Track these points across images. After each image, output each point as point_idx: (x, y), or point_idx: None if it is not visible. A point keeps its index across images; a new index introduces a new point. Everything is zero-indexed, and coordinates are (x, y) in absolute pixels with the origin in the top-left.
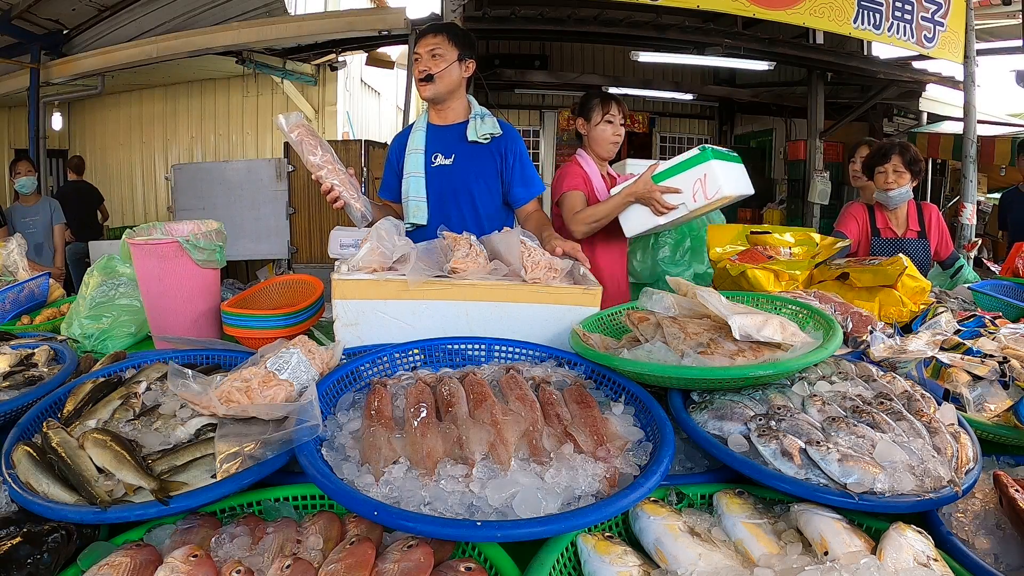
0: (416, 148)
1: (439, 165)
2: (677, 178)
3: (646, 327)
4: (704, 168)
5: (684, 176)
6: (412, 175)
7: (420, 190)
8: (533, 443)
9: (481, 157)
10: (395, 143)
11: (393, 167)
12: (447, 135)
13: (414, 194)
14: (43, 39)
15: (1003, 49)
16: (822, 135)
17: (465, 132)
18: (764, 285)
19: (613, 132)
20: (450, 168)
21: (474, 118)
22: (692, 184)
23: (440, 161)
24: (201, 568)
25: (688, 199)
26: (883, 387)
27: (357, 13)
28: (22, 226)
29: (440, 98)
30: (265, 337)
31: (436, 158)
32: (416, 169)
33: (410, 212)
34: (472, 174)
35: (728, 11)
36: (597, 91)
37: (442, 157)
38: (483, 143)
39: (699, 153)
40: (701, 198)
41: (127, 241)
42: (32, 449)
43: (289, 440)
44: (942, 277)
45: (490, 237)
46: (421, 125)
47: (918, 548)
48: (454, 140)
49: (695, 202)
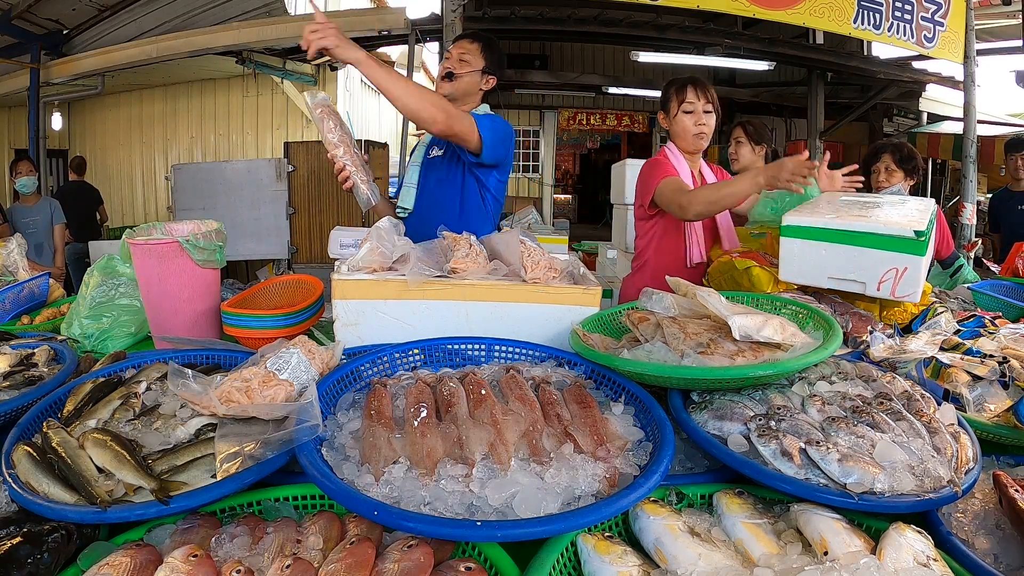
0: (423, 140)
1: (435, 156)
2: (865, 250)
3: (646, 327)
4: (910, 261)
5: (876, 254)
6: (412, 163)
7: (413, 177)
8: (533, 443)
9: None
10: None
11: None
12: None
13: (408, 180)
14: (43, 39)
15: (1003, 49)
16: (822, 135)
17: None
18: (764, 286)
19: (695, 123)
20: (443, 158)
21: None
22: (882, 269)
23: (435, 152)
24: (201, 568)
25: (869, 282)
26: (883, 387)
27: (357, 13)
28: (22, 226)
29: (452, 98)
30: (265, 337)
31: (432, 149)
32: (416, 159)
33: (404, 198)
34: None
35: (728, 11)
36: (676, 79)
37: (437, 148)
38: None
39: (912, 239)
40: (886, 291)
41: (127, 241)
42: (32, 449)
43: (289, 440)
44: (942, 277)
45: (490, 237)
46: None
47: (918, 548)
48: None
49: (877, 291)
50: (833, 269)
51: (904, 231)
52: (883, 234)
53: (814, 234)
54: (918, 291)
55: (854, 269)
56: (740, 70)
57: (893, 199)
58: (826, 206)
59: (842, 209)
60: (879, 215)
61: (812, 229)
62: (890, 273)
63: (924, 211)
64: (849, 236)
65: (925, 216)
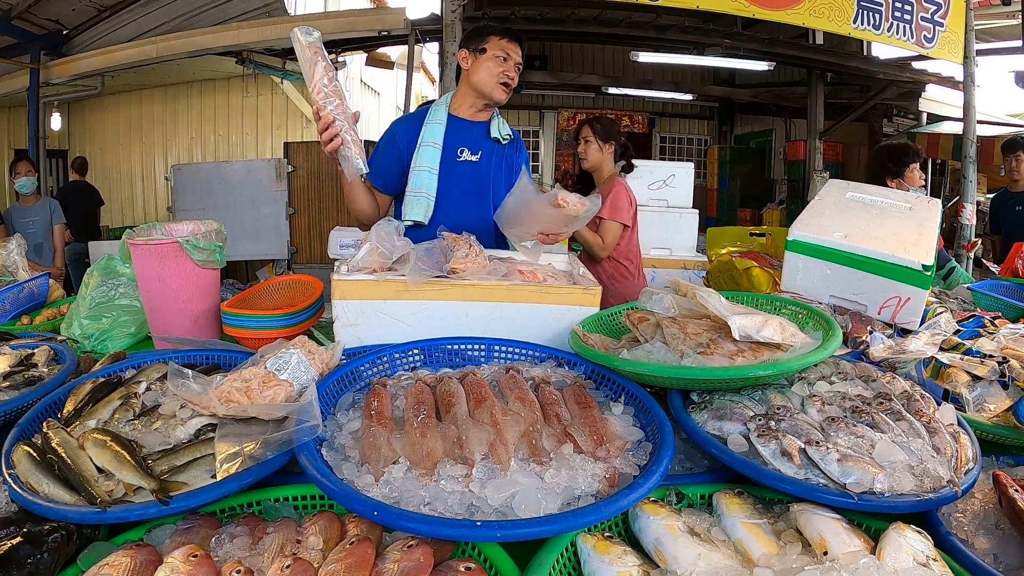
0: (432, 142)
1: (465, 160)
2: (870, 275)
3: (646, 327)
4: (914, 292)
5: (881, 280)
6: (424, 169)
7: (432, 187)
8: (533, 443)
9: (501, 156)
10: (401, 130)
11: (399, 154)
12: (473, 130)
13: (426, 190)
14: (43, 39)
15: (1003, 49)
16: (822, 135)
17: (489, 129)
18: (764, 286)
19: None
20: (476, 164)
21: (495, 117)
22: (886, 295)
23: (467, 156)
24: (201, 568)
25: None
26: (883, 387)
27: (357, 13)
28: (22, 226)
29: (495, 105)
30: (265, 337)
31: (462, 152)
32: (430, 164)
33: (415, 209)
34: (495, 172)
35: (728, 11)
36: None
37: (469, 152)
38: (503, 143)
39: (919, 272)
40: (887, 316)
41: (127, 241)
42: (32, 449)
43: (289, 440)
44: (935, 279)
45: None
46: (440, 118)
47: (917, 548)
48: (480, 136)
49: (878, 314)
50: (836, 289)
51: (912, 263)
52: (891, 263)
53: (820, 253)
54: (918, 320)
55: (857, 291)
56: (740, 70)
57: (901, 205)
58: (832, 208)
59: (850, 218)
60: (888, 230)
61: (819, 248)
62: (893, 300)
63: (932, 229)
64: (855, 260)
65: (932, 239)
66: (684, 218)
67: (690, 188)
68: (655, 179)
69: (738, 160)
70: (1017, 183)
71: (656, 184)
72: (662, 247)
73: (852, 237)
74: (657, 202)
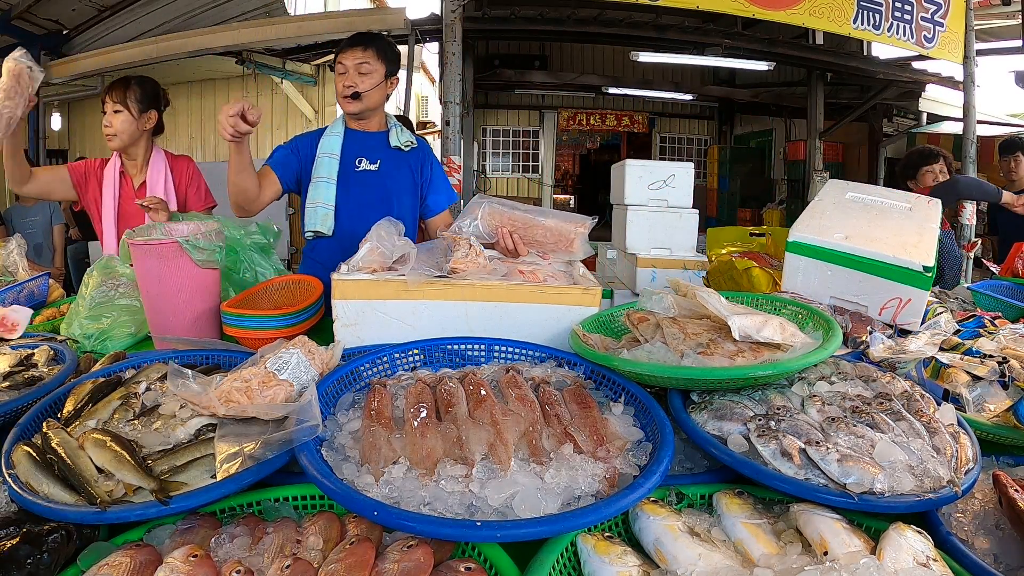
0: (329, 153)
1: (364, 170)
2: (871, 277)
3: (646, 327)
4: (915, 293)
5: (882, 282)
6: (323, 180)
7: (331, 197)
8: (533, 443)
9: (404, 164)
10: (303, 142)
11: (297, 152)
12: (371, 141)
13: (324, 200)
14: (43, 39)
15: (1003, 49)
16: (822, 135)
17: (387, 139)
18: (764, 286)
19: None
20: (376, 173)
21: (393, 127)
22: (887, 296)
23: (366, 166)
24: (201, 568)
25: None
26: (883, 387)
27: (357, 13)
28: (21, 227)
29: (365, 115)
30: (265, 337)
31: (360, 162)
32: (328, 174)
33: (315, 220)
34: (398, 180)
35: (728, 11)
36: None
37: (367, 162)
38: (404, 150)
39: (920, 273)
40: (887, 317)
41: (127, 241)
42: (32, 449)
43: (289, 440)
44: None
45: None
46: (338, 131)
47: (918, 548)
48: (378, 146)
49: (878, 315)
50: (837, 290)
51: (913, 264)
52: (891, 264)
53: (821, 254)
54: (919, 321)
55: (858, 293)
56: (740, 70)
57: (901, 205)
58: (832, 209)
59: (850, 219)
60: (888, 230)
61: (819, 249)
62: (893, 301)
63: (932, 230)
64: (856, 261)
65: (932, 240)
66: (684, 218)
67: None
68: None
69: (738, 160)
70: (1014, 184)
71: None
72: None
73: (852, 238)
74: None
